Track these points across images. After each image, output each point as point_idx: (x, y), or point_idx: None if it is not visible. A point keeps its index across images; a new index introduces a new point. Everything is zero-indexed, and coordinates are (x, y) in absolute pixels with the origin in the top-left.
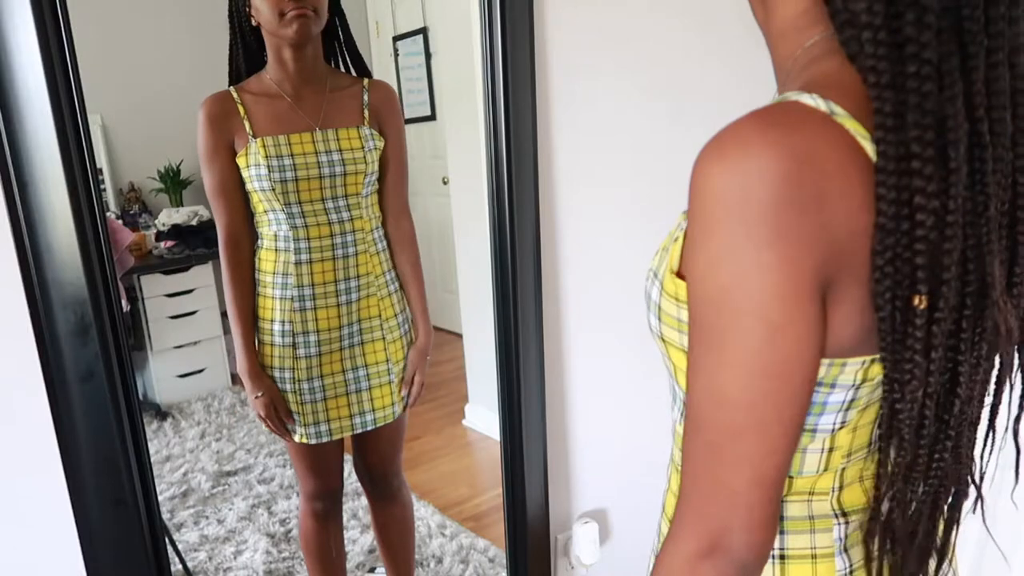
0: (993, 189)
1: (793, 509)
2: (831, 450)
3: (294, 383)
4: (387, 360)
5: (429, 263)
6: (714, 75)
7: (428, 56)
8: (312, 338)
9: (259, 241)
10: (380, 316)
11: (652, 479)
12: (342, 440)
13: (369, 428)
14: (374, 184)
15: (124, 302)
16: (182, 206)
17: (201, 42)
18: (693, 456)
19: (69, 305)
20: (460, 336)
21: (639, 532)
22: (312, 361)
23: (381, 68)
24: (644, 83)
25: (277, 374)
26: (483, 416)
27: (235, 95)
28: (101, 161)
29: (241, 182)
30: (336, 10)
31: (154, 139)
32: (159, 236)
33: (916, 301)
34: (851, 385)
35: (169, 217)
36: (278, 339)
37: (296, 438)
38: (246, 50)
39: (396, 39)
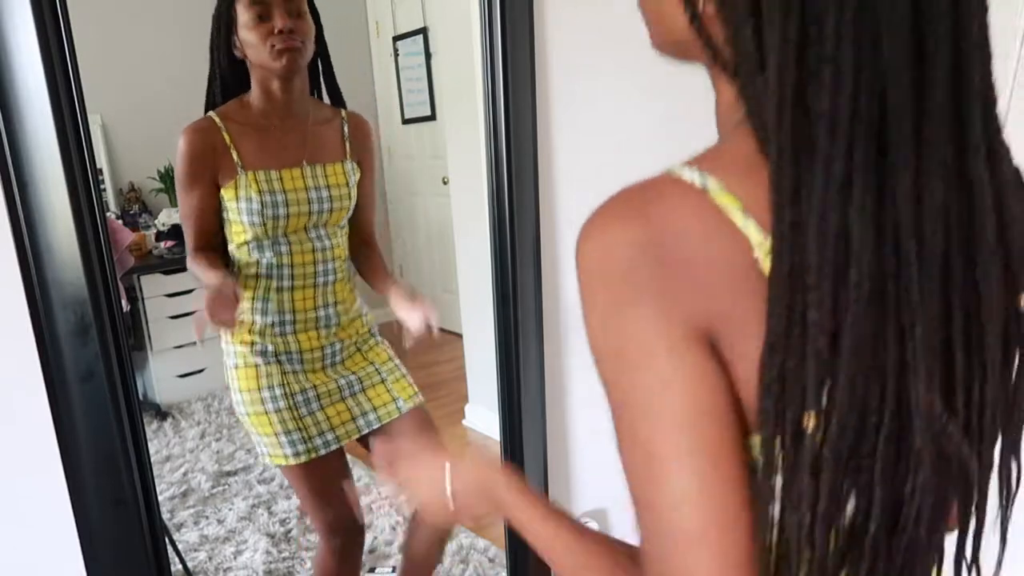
0: (921, 311)
1: None
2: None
3: (287, 398)
4: (372, 364)
5: (429, 263)
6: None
7: (428, 56)
8: (295, 356)
9: (234, 266)
10: (357, 334)
11: None
12: (346, 464)
13: (374, 426)
14: (351, 214)
15: (124, 302)
16: None
17: (201, 42)
18: (644, 534)
19: (69, 305)
20: (460, 336)
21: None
22: (299, 376)
23: (381, 68)
24: (644, 83)
25: (267, 394)
26: (483, 416)
27: (219, 123)
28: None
29: (217, 208)
30: (319, 41)
31: (154, 139)
32: (159, 236)
33: (805, 420)
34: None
35: (169, 217)
36: (260, 359)
37: (304, 458)
38: (223, 82)
39: (396, 39)
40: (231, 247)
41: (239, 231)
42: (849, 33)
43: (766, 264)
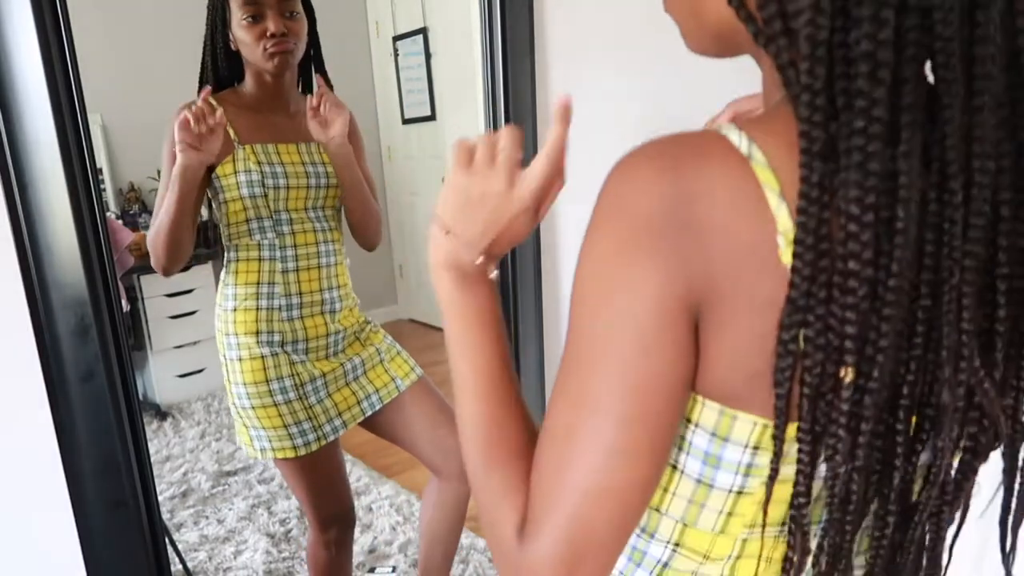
0: (961, 253)
1: (681, 563)
2: (730, 514)
3: (297, 388)
4: (372, 347)
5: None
6: (716, 76)
7: (428, 56)
8: (301, 346)
9: (231, 254)
10: (356, 323)
11: None
12: (341, 456)
13: (376, 407)
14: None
15: (124, 302)
16: None
17: (201, 43)
18: (548, 469)
19: (69, 305)
20: None
21: None
22: (308, 366)
23: (381, 68)
24: (645, 83)
25: (277, 385)
26: None
27: (214, 103)
28: (101, 161)
29: (199, 189)
30: (313, 42)
31: (154, 139)
32: None
33: (842, 373)
34: (744, 444)
35: None
36: (267, 350)
37: (315, 446)
38: (216, 71)
39: (396, 39)
40: (228, 234)
41: (238, 210)
42: None
43: (786, 254)
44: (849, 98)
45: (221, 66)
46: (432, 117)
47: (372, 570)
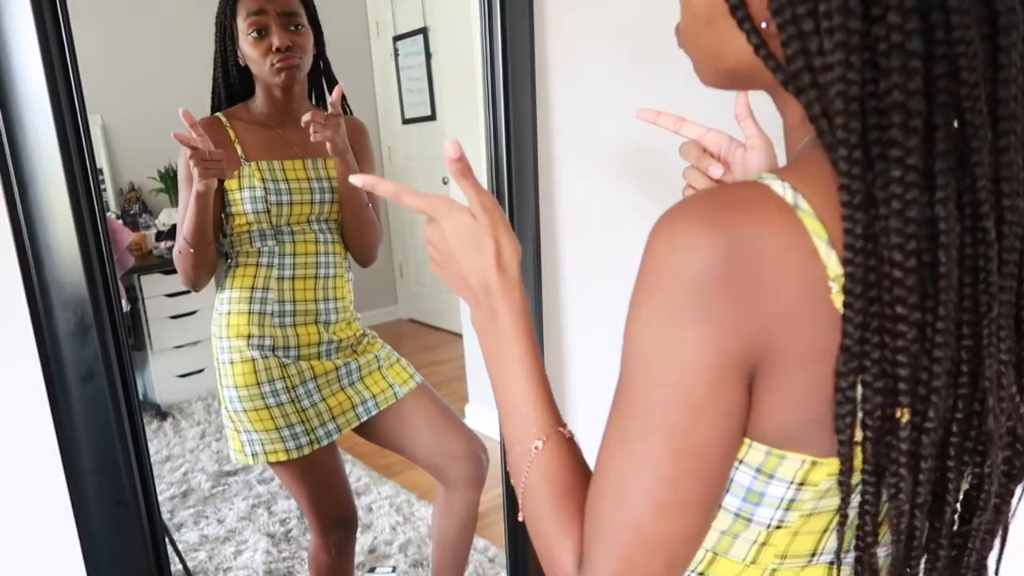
0: (997, 288)
1: None
2: (764, 544)
3: (289, 391)
4: (370, 354)
5: (429, 263)
6: None
7: (428, 56)
8: (292, 352)
9: (232, 260)
10: (353, 336)
11: None
12: (340, 459)
13: (373, 413)
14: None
15: (124, 302)
16: None
17: (201, 42)
18: (600, 521)
19: (69, 305)
20: (460, 336)
21: None
22: (301, 366)
23: (381, 68)
24: (645, 83)
25: (268, 388)
26: (483, 416)
27: (224, 120)
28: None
29: (216, 204)
30: (321, 54)
31: (154, 139)
32: (159, 236)
33: (898, 414)
34: (790, 482)
35: (169, 217)
36: (257, 353)
37: (307, 450)
38: (228, 87)
39: (396, 39)
40: (230, 241)
41: (241, 223)
42: (916, 18)
43: (838, 299)
44: (884, 148)
45: (233, 82)
46: (432, 117)
47: (372, 570)
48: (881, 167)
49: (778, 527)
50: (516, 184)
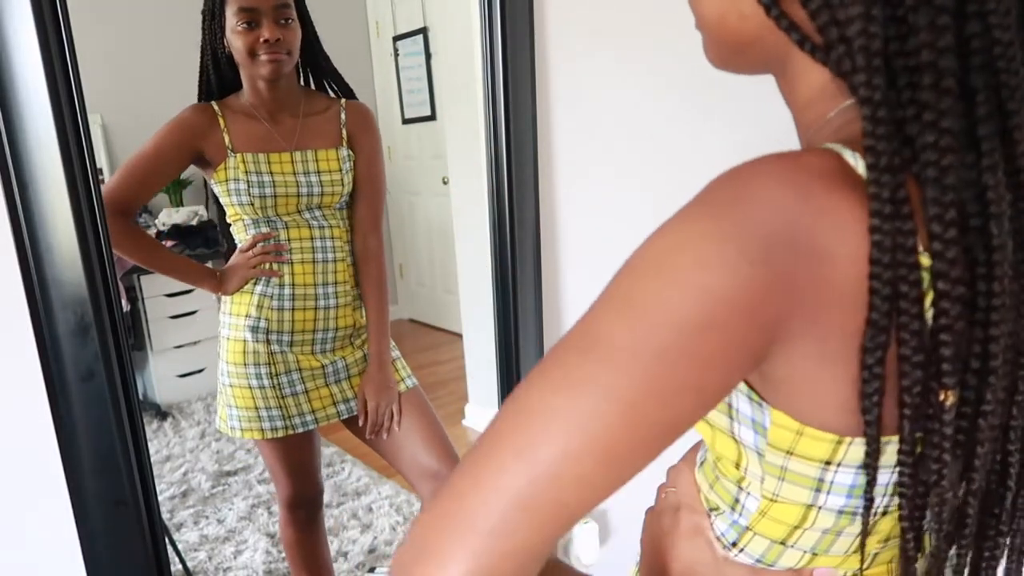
0: None
1: None
2: (867, 533)
3: (272, 377)
4: (362, 351)
5: (429, 263)
6: (717, 76)
7: (428, 56)
8: (286, 338)
9: (233, 245)
10: (354, 324)
11: (652, 479)
12: (317, 445)
13: (354, 413)
14: (347, 199)
15: (124, 302)
16: (182, 206)
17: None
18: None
19: (69, 305)
20: (460, 336)
21: (639, 532)
22: (287, 356)
23: (381, 68)
24: (645, 83)
25: (252, 370)
26: (483, 416)
27: (217, 108)
28: (101, 161)
29: (162, 176)
30: (313, 42)
31: None
32: (159, 236)
33: (942, 397)
34: (892, 466)
35: (169, 217)
36: (249, 335)
37: (281, 433)
38: (219, 77)
39: (396, 39)
40: (230, 228)
41: (233, 212)
42: None
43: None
44: (917, 110)
45: (223, 72)
46: (432, 117)
47: (372, 570)
48: (914, 129)
49: (884, 513)
50: (516, 184)
